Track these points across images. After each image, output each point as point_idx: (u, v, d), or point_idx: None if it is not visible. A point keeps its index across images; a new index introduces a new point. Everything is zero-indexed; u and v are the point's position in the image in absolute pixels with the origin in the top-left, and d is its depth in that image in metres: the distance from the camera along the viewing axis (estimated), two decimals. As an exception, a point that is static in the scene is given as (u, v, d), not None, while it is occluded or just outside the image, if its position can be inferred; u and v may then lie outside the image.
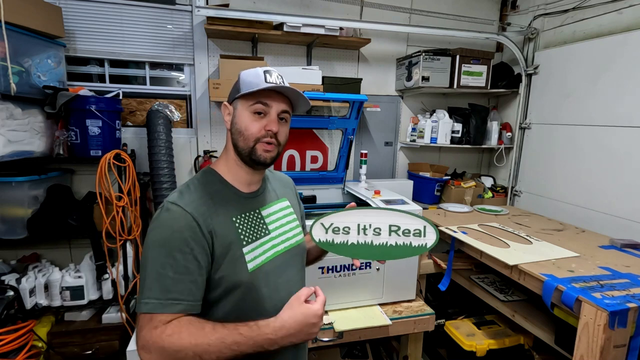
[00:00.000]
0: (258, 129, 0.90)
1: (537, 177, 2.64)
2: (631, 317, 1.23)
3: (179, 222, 0.82)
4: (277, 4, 2.44)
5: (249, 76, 0.91)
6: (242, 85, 0.91)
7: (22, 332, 1.86)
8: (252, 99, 0.90)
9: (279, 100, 0.92)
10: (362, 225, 1.01)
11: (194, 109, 2.47)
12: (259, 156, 0.91)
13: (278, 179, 1.16)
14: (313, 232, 1.01)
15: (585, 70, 2.26)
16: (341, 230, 1.01)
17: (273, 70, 0.92)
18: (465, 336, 1.98)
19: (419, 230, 1.00)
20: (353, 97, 2.14)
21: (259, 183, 1.02)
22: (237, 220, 0.92)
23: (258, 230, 0.95)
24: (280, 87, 0.90)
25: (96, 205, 2.03)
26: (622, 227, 2.03)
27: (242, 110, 0.91)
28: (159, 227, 0.82)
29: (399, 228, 1.01)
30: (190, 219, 0.82)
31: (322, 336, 1.71)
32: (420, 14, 2.62)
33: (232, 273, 0.87)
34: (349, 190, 2.34)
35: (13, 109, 1.79)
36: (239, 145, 0.92)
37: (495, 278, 2.13)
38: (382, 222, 1.01)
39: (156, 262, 0.79)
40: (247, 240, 0.91)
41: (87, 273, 2.07)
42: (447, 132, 2.68)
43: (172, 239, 0.81)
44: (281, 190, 1.11)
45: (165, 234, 0.81)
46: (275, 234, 0.99)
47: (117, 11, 2.23)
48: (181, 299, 0.79)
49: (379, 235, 1.00)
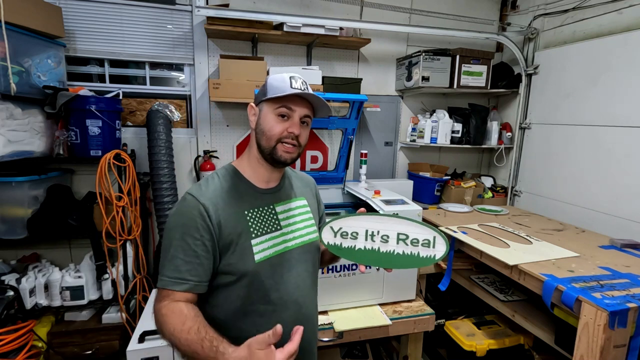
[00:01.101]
0: (281, 130, 0.96)
1: (537, 177, 2.64)
2: (631, 317, 1.22)
3: (193, 210, 0.91)
4: (277, 4, 2.44)
5: (276, 81, 0.97)
6: (269, 89, 0.98)
7: (22, 332, 1.86)
8: (278, 102, 0.96)
9: (302, 106, 0.98)
10: (370, 231, 1.01)
11: (194, 109, 2.47)
12: (279, 156, 0.98)
13: (300, 178, 1.20)
14: (322, 234, 1.04)
15: (585, 70, 2.26)
16: (349, 235, 1.01)
17: (298, 77, 0.98)
18: (465, 336, 1.98)
19: (428, 241, 0.98)
20: (353, 97, 2.14)
21: (277, 180, 1.08)
22: (249, 214, 0.98)
23: (270, 224, 1.01)
24: (305, 93, 0.96)
25: (96, 205, 2.03)
26: (622, 227, 2.03)
27: (267, 112, 0.98)
28: (175, 214, 0.94)
29: (408, 237, 1.00)
30: (202, 208, 0.91)
31: (322, 336, 1.71)
32: (420, 14, 2.62)
33: (239, 261, 0.94)
34: (349, 190, 2.34)
35: (13, 109, 1.79)
36: (261, 144, 0.99)
37: (495, 278, 2.13)
38: (390, 230, 1.00)
39: (171, 245, 0.91)
40: (256, 233, 0.97)
41: (87, 273, 2.07)
42: (447, 132, 2.68)
43: (185, 225, 0.91)
44: (301, 190, 1.16)
45: (179, 221, 0.92)
46: (287, 230, 1.04)
47: (117, 11, 2.23)
48: (188, 279, 0.89)
49: (386, 242, 1.00)
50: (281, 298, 0.99)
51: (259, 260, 0.96)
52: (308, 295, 1.08)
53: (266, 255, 0.97)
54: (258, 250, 0.96)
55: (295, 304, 1.02)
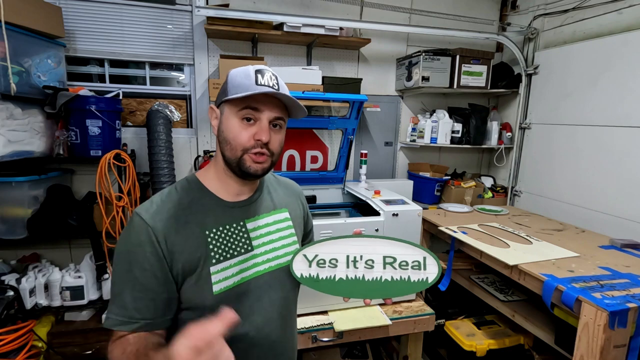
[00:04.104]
0: (247, 139, 0.79)
1: (537, 177, 2.64)
2: (631, 317, 1.23)
3: (140, 236, 0.77)
4: (277, 4, 2.44)
5: (238, 76, 0.80)
6: (229, 87, 0.80)
7: (22, 332, 1.85)
8: (241, 103, 0.79)
9: (272, 106, 0.81)
10: (351, 256, 0.87)
11: (194, 109, 2.47)
12: (247, 167, 0.81)
13: (283, 185, 1.03)
14: (294, 266, 0.88)
15: (585, 70, 2.26)
16: (327, 263, 0.87)
17: (266, 70, 0.81)
18: (465, 336, 1.98)
19: (418, 262, 0.86)
20: (353, 97, 2.14)
21: (250, 192, 0.91)
22: (211, 234, 0.83)
23: (237, 246, 0.85)
24: (271, 92, 0.78)
25: (96, 205, 2.03)
26: (622, 227, 2.03)
27: (229, 116, 0.81)
28: (122, 240, 0.79)
29: (395, 259, 0.87)
30: (151, 232, 0.77)
31: (322, 336, 1.71)
32: (420, 14, 2.62)
33: (194, 294, 0.79)
34: (349, 190, 2.34)
35: (13, 109, 1.79)
36: (226, 154, 0.82)
37: (495, 278, 2.13)
38: (375, 253, 0.87)
39: (118, 277, 0.78)
40: (217, 258, 0.82)
41: (87, 273, 2.07)
42: (447, 132, 2.68)
43: (131, 254, 0.77)
44: (283, 200, 0.99)
45: (124, 248, 0.78)
46: (259, 251, 0.88)
47: (117, 11, 2.23)
48: (137, 318, 0.75)
49: (371, 268, 0.87)
50: (247, 335, 0.83)
51: (218, 292, 0.80)
52: (283, 328, 0.92)
53: (228, 285, 0.82)
54: (218, 279, 0.81)
55: (267, 340, 0.87)
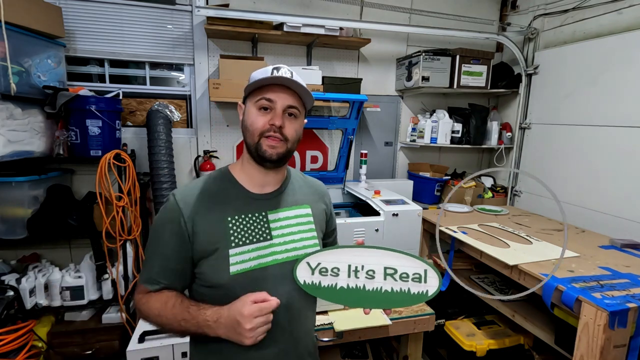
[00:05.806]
0: (262, 124, 0.89)
1: (537, 177, 2.64)
2: (631, 317, 1.23)
3: (170, 213, 0.90)
4: (277, 4, 2.44)
5: (258, 73, 0.91)
6: (250, 82, 0.92)
7: (22, 332, 1.86)
8: (258, 95, 0.90)
9: (285, 95, 0.90)
10: (353, 266, 0.89)
11: (194, 109, 2.47)
12: (263, 151, 0.90)
13: (310, 184, 1.10)
14: (297, 272, 0.91)
15: (585, 70, 2.26)
16: (329, 272, 0.90)
17: (283, 67, 0.91)
18: (465, 336, 1.98)
19: (418, 275, 0.88)
20: (353, 97, 2.14)
21: (276, 185, 0.99)
22: (233, 220, 0.91)
23: (256, 233, 0.92)
24: (282, 78, 0.87)
25: (96, 205, 2.03)
26: (622, 227, 2.03)
27: (249, 107, 0.92)
28: (158, 215, 0.95)
29: (396, 271, 0.88)
30: (180, 213, 0.89)
31: (322, 336, 1.71)
32: (420, 14, 2.62)
33: (212, 272, 0.88)
34: (349, 190, 2.34)
35: (13, 109, 1.79)
36: (247, 141, 0.93)
37: (495, 278, 2.13)
38: (376, 264, 0.89)
39: (149, 245, 0.94)
40: (237, 242, 0.89)
41: (87, 273, 2.07)
42: (447, 132, 2.68)
43: (161, 229, 0.91)
44: (307, 197, 1.05)
45: (159, 222, 0.93)
46: (278, 241, 0.94)
47: (117, 11, 2.23)
48: (159, 281, 0.90)
49: (372, 278, 0.89)
50: None
51: (235, 273, 0.87)
52: (300, 320, 0.96)
53: (245, 268, 0.88)
54: (236, 261, 0.88)
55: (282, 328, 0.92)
